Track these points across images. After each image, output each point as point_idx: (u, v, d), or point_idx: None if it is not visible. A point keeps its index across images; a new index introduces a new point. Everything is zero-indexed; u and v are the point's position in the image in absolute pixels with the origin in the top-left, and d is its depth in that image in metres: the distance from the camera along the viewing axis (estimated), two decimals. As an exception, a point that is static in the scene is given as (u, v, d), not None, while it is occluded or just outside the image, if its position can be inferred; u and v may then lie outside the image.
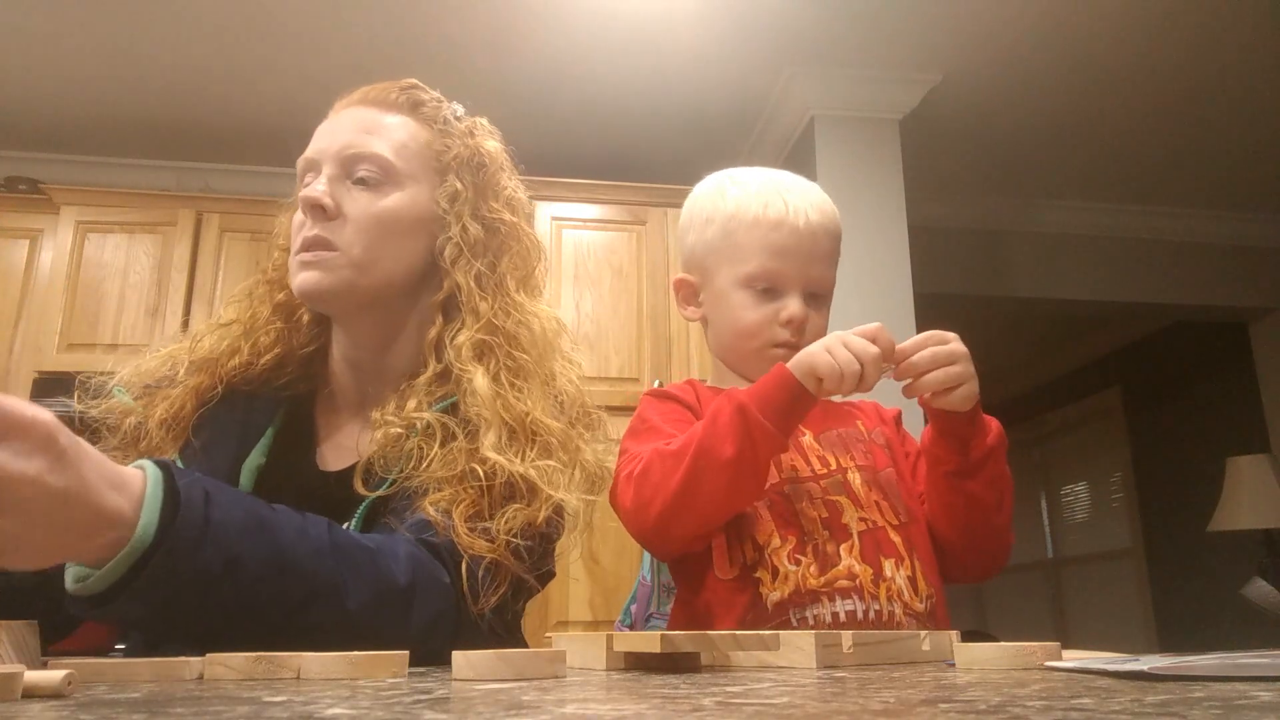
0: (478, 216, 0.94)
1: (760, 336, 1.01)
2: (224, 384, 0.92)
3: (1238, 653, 0.51)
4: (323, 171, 0.90)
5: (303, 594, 0.65)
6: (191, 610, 0.60)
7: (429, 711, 0.32)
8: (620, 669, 0.54)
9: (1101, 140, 3.66)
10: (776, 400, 0.87)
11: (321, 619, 0.65)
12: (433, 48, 3.01)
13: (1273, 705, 0.30)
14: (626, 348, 3.14)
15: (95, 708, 0.35)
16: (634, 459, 0.93)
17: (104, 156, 3.65)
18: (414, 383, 0.89)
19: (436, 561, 0.75)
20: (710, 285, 1.07)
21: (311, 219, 0.88)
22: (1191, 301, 4.29)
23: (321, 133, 0.94)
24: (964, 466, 0.94)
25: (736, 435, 0.85)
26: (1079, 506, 6.03)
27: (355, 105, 0.95)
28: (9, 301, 3.17)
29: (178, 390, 0.91)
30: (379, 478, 0.83)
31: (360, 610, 0.67)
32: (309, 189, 0.89)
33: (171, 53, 3.04)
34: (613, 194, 3.31)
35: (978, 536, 0.97)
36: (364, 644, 0.54)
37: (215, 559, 0.60)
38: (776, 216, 1.01)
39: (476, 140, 0.98)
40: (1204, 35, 3.01)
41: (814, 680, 0.45)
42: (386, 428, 0.85)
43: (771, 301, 1.01)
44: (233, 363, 0.93)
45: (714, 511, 0.89)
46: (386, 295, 0.91)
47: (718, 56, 3.11)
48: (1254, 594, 2.93)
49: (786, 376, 0.87)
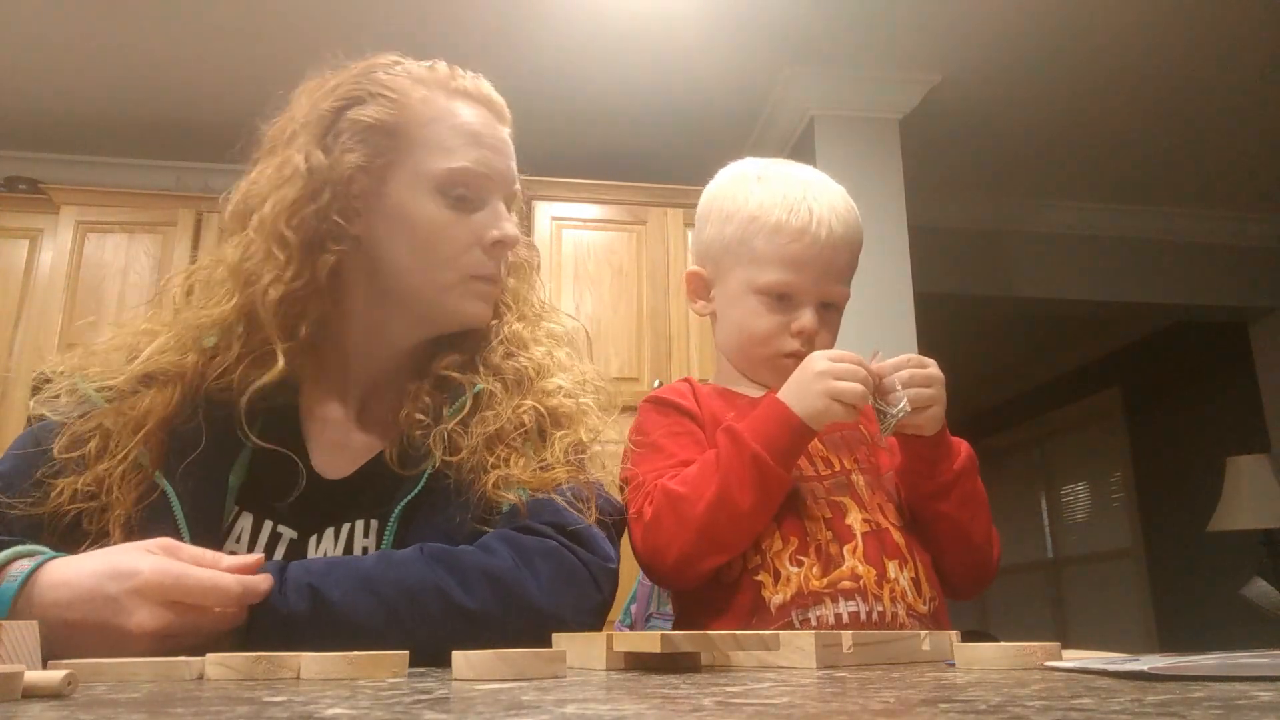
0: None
1: (770, 345, 1.01)
2: (198, 390, 0.83)
3: (1238, 653, 0.51)
4: (489, 200, 0.89)
5: (403, 602, 0.70)
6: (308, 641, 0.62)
7: (429, 711, 0.32)
8: (620, 669, 0.54)
9: (1101, 140, 3.66)
10: (788, 447, 0.89)
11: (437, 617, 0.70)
12: (433, 48, 2.97)
13: (1273, 705, 0.30)
14: (626, 348, 3.14)
15: (95, 708, 0.35)
16: (643, 497, 0.92)
17: (104, 156, 3.64)
18: (421, 383, 0.88)
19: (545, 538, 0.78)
20: (723, 284, 1.05)
21: (499, 258, 0.89)
22: (1191, 301, 4.29)
23: (466, 138, 0.88)
24: (933, 488, 0.95)
25: (753, 487, 0.86)
26: (1079, 506, 6.03)
27: (474, 104, 0.92)
28: (9, 301, 3.17)
29: (150, 395, 0.81)
30: (408, 476, 0.83)
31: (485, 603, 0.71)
32: (510, 228, 0.89)
33: (171, 53, 3.04)
34: (613, 194, 3.31)
35: (957, 554, 0.98)
36: (542, 629, 0.67)
37: (299, 600, 0.68)
38: (799, 226, 0.98)
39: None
40: (1204, 35, 3.01)
41: (814, 680, 0.45)
42: (411, 428, 0.84)
43: (784, 311, 1.00)
44: (216, 360, 0.83)
45: (732, 552, 0.91)
46: None
47: (718, 56, 3.11)
48: (1254, 594, 2.94)
49: (795, 423, 0.88)
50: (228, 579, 0.66)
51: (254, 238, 0.84)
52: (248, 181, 0.89)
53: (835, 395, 0.87)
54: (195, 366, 0.83)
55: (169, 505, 0.78)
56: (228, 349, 0.83)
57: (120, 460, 0.78)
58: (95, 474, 0.78)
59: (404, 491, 0.82)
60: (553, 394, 0.88)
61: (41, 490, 0.78)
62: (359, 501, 0.85)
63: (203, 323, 0.84)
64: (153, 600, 0.63)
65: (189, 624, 0.64)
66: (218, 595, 0.65)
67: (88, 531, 0.77)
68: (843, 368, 0.88)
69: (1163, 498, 5.11)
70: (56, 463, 0.79)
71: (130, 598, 0.63)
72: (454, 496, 0.81)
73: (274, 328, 0.82)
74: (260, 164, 0.89)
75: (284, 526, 0.83)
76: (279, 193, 0.84)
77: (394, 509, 0.82)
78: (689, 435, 0.98)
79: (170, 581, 0.64)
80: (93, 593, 0.64)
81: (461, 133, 0.88)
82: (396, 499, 0.82)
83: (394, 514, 0.81)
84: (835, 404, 0.87)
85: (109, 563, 0.66)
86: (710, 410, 1.00)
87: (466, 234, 0.87)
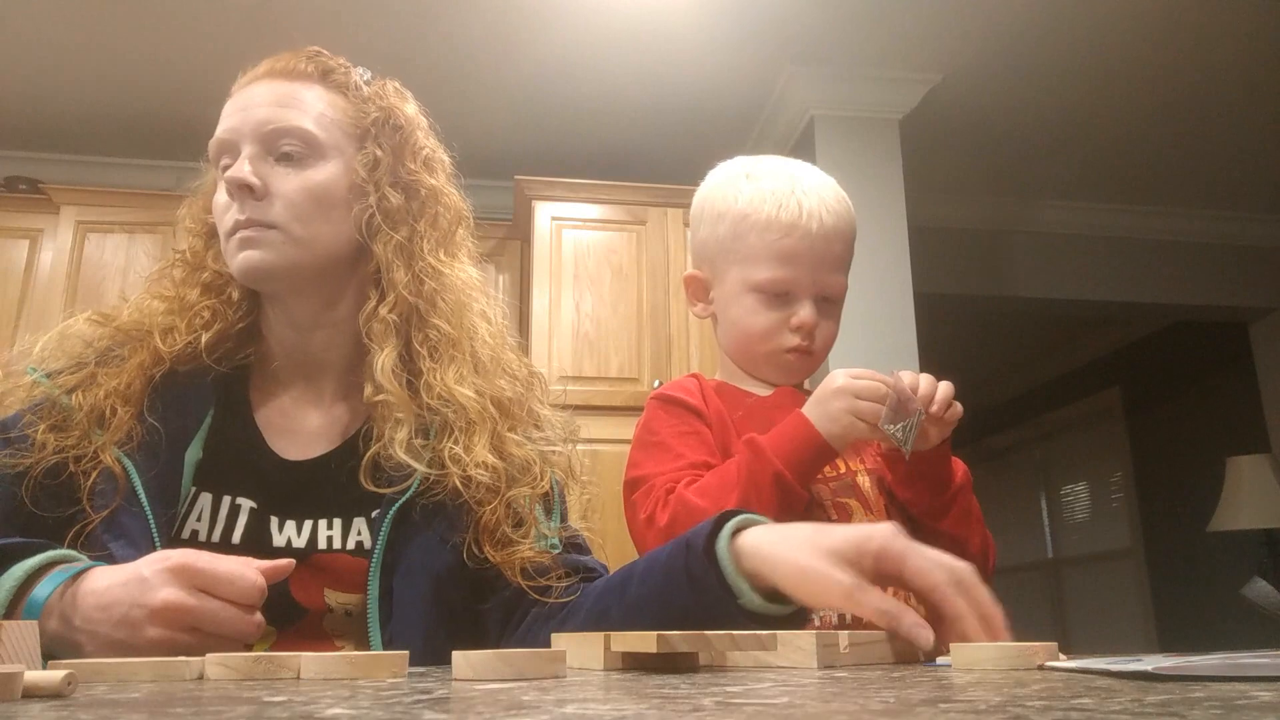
0: (397, 183, 0.91)
1: (771, 341, 1.00)
2: (168, 363, 0.86)
3: (1238, 653, 0.51)
4: (242, 151, 0.86)
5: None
6: None
7: (429, 711, 0.32)
8: (619, 669, 0.54)
9: (1101, 140, 3.66)
10: (810, 465, 0.89)
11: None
12: (433, 48, 3.01)
13: (1273, 705, 0.30)
14: (626, 348, 3.14)
15: (95, 708, 0.35)
16: (654, 502, 0.92)
17: (104, 156, 3.65)
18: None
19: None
20: (721, 284, 1.05)
21: (239, 200, 0.84)
22: (1191, 301, 4.29)
23: (232, 111, 0.89)
24: (934, 506, 0.95)
25: (773, 505, 0.87)
26: (1079, 506, 6.02)
27: (263, 79, 0.90)
28: (9, 301, 3.17)
29: (127, 366, 0.85)
30: (390, 475, 0.83)
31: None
32: (233, 170, 0.84)
33: (172, 53, 3.04)
34: (613, 194, 3.31)
35: None
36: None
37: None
38: (789, 220, 0.98)
39: (391, 103, 0.93)
40: (1204, 35, 3.01)
41: (814, 680, 0.45)
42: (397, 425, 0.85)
43: (782, 307, 1.00)
44: (170, 341, 0.86)
45: None
46: (328, 271, 0.88)
47: (718, 56, 3.11)
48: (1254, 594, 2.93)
49: (819, 442, 0.88)
50: (253, 573, 0.66)
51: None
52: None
53: (859, 414, 0.87)
54: (149, 347, 0.86)
55: (130, 481, 0.79)
56: (186, 326, 0.88)
57: (77, 443, 0.80)
58: (55, 454, 0.79)
59: (391, 495, 0.83)
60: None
61: (8, 479, 0.79)
62: (329, 490, 0.86)
63: (156, 306, 0.89)
64: (180, 580, 0.65)
65: (208, 615, 0.65)
66: (243, 585, 0.66)
67: (47, 515, 0.78)
68: (864, 384, 0.88)
69: (1163, 498, 5.11)
70: (19, 448, 0.80)
71: (159, 575, 0.65)
72: (446, 512, 0.84)
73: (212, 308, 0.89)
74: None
75: (243, 498, 0.84)
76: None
77: (387, 511, 0.83)
78: (696, 435, 0.97)
79: (202, 563, 0.66)
80: (128, 575, 0.66)
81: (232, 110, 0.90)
82: (384, 500, 0.84)
83: (388, 517, 0.83)
84: (859, 423, 0.87)
85: (148, 556, 0.68)
86: (717, 407, 1.00)
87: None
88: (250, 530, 0.83)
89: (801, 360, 1.01)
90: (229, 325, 0.90)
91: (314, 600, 0.82)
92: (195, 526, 0.82)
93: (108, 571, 0.68)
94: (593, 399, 2.98)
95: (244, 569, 0.66)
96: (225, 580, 0.66)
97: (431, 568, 0.82)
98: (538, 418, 0.94)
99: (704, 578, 0.67)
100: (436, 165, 0.96)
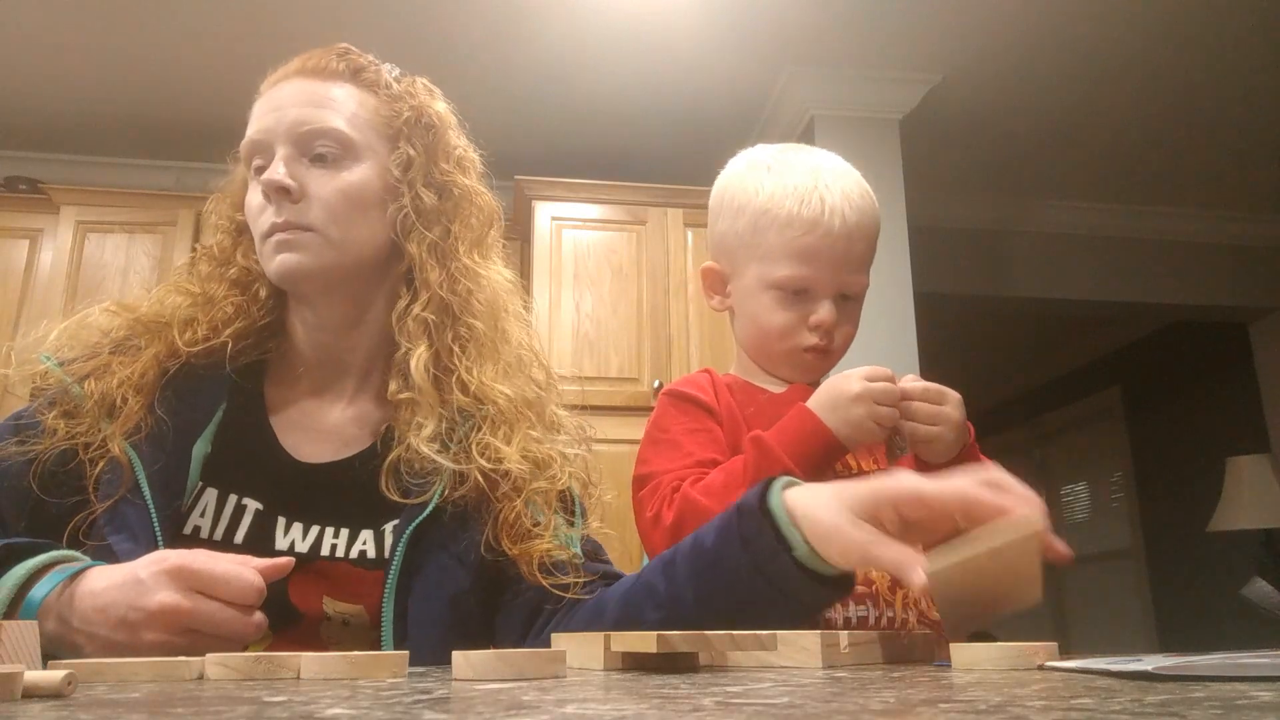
0: (430, 182, 0.91)
1: (789, 340, 0.98)
2: (184, 356, 0.86)
3: (1238, 653, 0.51)
4: (276, 152, 0.85)
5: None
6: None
7: (429, 711, 0.32)
8: (619, 669, 0.54)
9: (1101, 140, 3.66)
10: (820, 462, 0.88)
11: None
12: (433, 48, 3.01)
13: (1273, 705, 0.30)
14: (626, 348, 3.14)
15: (95, 708, 0.35)
16: (660, 500, 0.91)
17: (104, 156, 3.65)
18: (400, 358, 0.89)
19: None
20: (739, 279, 1.02)
21: (276, 203, 0.84)
22: (1191, 301, 4.29)
23: (264, 110, 0.88)
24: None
25: None
26: (1079, 506, 6.02)
27: (294, 77, 0.89)
28: (9, 302, 3.17)
29: (142, 356, 0.85)
30: (409, 485, 0.83)
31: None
32: (269, 173, 0.84)
33: (172, 53, 3.04)
34: (613, 194, 3.31)
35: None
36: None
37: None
38: (811, 217, 0.95)
39: (421, 101, 0.93)
40: (1204, 35, 3.01)
41: (814, 680, 0.45)
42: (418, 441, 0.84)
43: (801, 305, 0.97)
44: (189, 334, 0.87)
45: None
46: (361, 272, 0.88)
47: (718, 56, 3.11)
48: (1254, 594, 2.93)
49: (830, 440, 0.87)
50: (251, 573, 0.66)
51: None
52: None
53: (878, 419, 0.86)
54: (166, 339, 0.86)
55: (134, 473, 0.79)
56: (208, 321, 0.88)
57: (87, 430, 0.80)
58: (66, 440, 0.80)
59: (412, 510, 0.83)
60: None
61: (18, 468, 0.80)
62: (340, 496, 0.85)
63: (178, 300, 0.89)
64: (177, 583, 0.65)
65: (206, 616, 0.65)
66: (240, 586, 0.66)
67: (53, 502, 0.78)
68: (879, 388, 0.86)
69: (1163, 498, 5.11)
70: (30, 435, 0.81)
71: (155, 577, 0.65)
72: (469, 521, 0.83)
73: (236, 304, 0.89)
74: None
75: (249, 498, 0.84)
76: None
77: (405, 528, 0.82)
78: (707, 433, 0.96)
79: (199, 564, 0.66)
80: (125, 576, 0.66)
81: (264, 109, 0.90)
82: (404, 513, 0.83)
83: (404, 535, 0.82)
84: (877, 428, 0.86)
85: (144, 557, 0.68)
86: (729, 403, 0.99)
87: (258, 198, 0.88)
88: (254, 531, 0.83)
89: (819, 359, 0.99)
90: (252, 322, 0.91)
91: (312, 606, 0.81)
92: (198, 523, 0.82)
93: (105, 572, 0.68)
94: (592, 399, 2.98)
95: (241, 569, 0.66)
96: (222, 581, 0.65)
97: (448, 588, 0.82)
98: (557, 420, 0.94)
99: (757, 538, 0.66)
100: (469, 165, 0.96)
